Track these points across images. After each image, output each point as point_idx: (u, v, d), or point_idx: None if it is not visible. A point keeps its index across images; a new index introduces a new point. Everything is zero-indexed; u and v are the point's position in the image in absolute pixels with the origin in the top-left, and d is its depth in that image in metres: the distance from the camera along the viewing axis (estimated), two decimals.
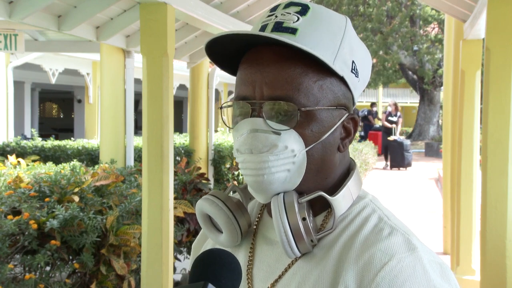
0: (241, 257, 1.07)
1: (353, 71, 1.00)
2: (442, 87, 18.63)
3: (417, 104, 26.64)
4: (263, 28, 0.98)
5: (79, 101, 20.47)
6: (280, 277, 1.00)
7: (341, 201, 0.98)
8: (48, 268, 4.04)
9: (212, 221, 1.08)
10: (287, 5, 1.00)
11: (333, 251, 0.96)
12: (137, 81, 7.06)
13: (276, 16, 0.99)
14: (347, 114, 1.01)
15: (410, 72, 24.77)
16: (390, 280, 0.88)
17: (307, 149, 0.96)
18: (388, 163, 16.82)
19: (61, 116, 29.91)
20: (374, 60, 25.18)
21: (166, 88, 3.82)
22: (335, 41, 0.98)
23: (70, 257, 4.15)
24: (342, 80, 0.99)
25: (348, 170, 1.06)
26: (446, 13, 6.59)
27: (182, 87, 15.70)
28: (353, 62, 1.00)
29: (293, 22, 0.97)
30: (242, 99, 0.98)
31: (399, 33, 23.11)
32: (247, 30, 0.96)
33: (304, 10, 0.98)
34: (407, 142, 16.68)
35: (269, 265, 1.03)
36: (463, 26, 5.44)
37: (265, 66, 0.96)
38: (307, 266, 0.97)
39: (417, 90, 25.19)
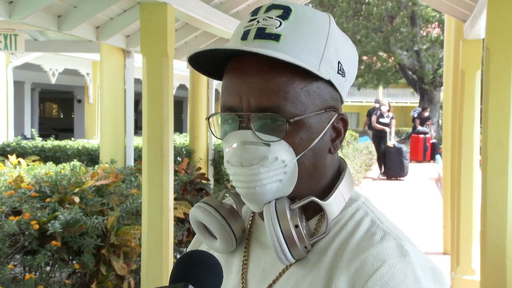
0: (236, 261, 1.07)
1: (339, 72, 0.98)
2: (442, 87, 18.53)
3: (417, 104, 26.63)
4: (245, 34, 0.97)
5: (79, 101, 20.47)
6: (274, 282, 1.00)
7: (333, 205, 0.97)
8: (48, 268, 4.04)
9: (206, 228, 1.08)
10: (269, 8, 0.98)
11: (326, 256, 0.96)
12: (137, 81, 7.06)
13: (258, 21, 0.97)
14: (336, 115, 1.00)
15: (410, 72, 24.79)
16: (381, 286, 0.88)
17: (297, 158, 0.96)
18: (383, 171, 14.61)
19: (61, 116, 29.90)
20: (374, 59, 25.22)
21: (166, 88, 3.82)
22: (320, 43, 0.96)
23: (70, 257, 4.15)
24: (329, 82, 0.97)
25: (339, 171, 1.05)
26: (446, 13, 6.59)
27: (182, 87, 15.71)
28: (339, 62, 0.98)
29: (276, 28, 0.95)
30: (229, 109, 0.97)
31: (399, 33, 23.10)
32: (231, 45, 0.94)
33: (286, 13, 0.96)
34: (405, 148, 14.49)
35: (264, 270, 1.02)
36: (463, 26, 5.44)
37: (250, 77, 0.94)
38: (301, 271, 0.97)
39: (417, 90, 25.19)
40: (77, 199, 4.23)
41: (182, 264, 0.87)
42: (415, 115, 18.88)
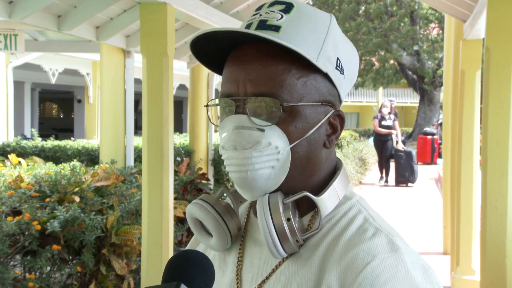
0: (231, 258, 1.08)
1: (337, 68, 1.00)
2: (442, 87, 18.49)
3: (417, 104, 26.65)
4: (248, 27, 0.99)
5: (79, 101, 20.49)
6: (267, 277, 1.00)
7: (326, 201, 0.98)
8: (48, 268, 4.04)
9: (202, 226, 1.09)
10: (272, 4, 1.01)
11: (318, 251, 0.96)
12: (137, 81, 7.07)
13: (260, 15, 1.00)
14: (332, 111, 1.01)
15: (410, 72, 24.80)
16: (372, 280, 0.88)
17: (291, 145, 0.96)
18: (385, 177, 13.62)
19: (61, 116, 29.93)
20: (374, 60, 25.22)
21: (166, 88, 3.82)
22: (319, 38, 0.98)
23: (70, 257, 4.15)
24: (326, 76, 0.99)
25: (335, 169, 1.06)
26: (446, 13, 6.59)
27: (182, 87, 15.72)
28: (337, 59, 1.00)
29: (277, 20, 0.97)
30: (226, 96, 0.99)
31: (398, 32, 23.12)
32: (231, 27, 0.96)
33: (288, 8, 0.99)
34: (414, 152, 13.43)
35: (258, 266, 1.03)
36: (463, 26, 5.44)
37: (249, 64, 0.96)
38: (293, 266, 0.98)
39: (417, 90, 25.21)
40: (77, 199, 4.23)
41: (174, 264, 0.87)
42: (439, 122, 18.51)
